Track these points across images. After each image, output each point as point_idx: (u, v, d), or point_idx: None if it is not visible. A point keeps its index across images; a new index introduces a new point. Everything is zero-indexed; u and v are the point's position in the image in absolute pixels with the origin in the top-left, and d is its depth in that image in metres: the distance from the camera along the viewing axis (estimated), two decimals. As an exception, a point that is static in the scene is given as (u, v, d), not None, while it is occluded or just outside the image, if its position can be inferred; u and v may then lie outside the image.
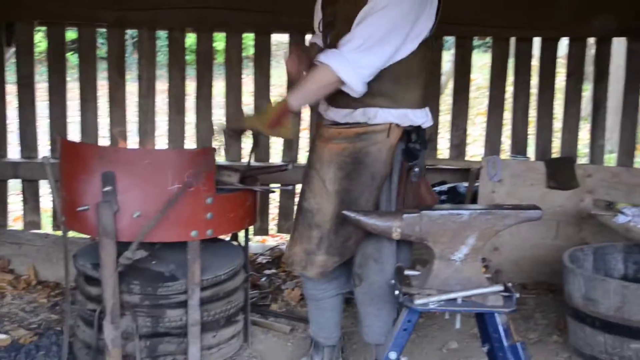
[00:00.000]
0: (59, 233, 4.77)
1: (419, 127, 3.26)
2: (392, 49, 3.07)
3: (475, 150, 7.41)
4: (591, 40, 5.68)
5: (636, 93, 5.59)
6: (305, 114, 5.51)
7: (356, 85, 3.07)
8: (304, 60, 3.45)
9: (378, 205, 3.25)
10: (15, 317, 4.19)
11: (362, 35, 3.02)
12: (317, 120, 3.49)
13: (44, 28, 5.50)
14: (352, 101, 3.17)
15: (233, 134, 3.34)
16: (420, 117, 3.24)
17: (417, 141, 3.23)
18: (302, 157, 5.68)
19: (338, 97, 3.20)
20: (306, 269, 3.35)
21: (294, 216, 3.58)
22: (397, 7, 3.01)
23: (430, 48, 3.25)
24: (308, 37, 3.66)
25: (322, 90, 3.13)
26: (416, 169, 3.24)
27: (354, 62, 3.02)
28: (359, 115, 3.21)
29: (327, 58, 3.06)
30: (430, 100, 5.44)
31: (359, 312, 3.45)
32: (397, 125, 3.19)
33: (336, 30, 3.24)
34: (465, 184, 5.29)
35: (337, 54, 3.05)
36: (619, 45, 5.64)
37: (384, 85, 3.15)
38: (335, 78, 3.05)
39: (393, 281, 3.09)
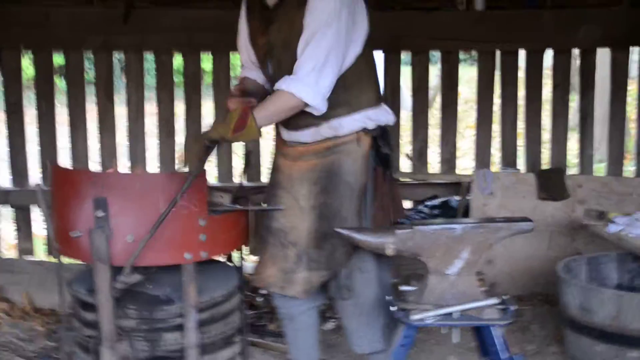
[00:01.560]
0: (53, 259, 4.76)
1: (384, 129, 3.31)
2: (340, 61, 3.13)
3: (465, 164, 7.43)
4: (576, 52, 5.72)
5: (623, 102, 5.64)
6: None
7: (319, 105, 3.12)
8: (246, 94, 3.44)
9: (360, 215, 3.26)
10: (12, 346, 4.17)
11: (313, 58, 3.06)
12: (277, 141, 3.50)
13: (30, 54, 5.51)
14: (313, 119, 3.20)
15: (201, 150, 3.29)
16: (381, 115, 3.29)
17: (384, 144, 3.29)
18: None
19: (297, 119, 3.23)
20: (285, 289, 3.34)
21: (260, 242, 3.56)
22: (336, 22, 3.06)
23: (371, 47, 3.28)
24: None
25: (285, 114, 3.16)
26: (389, 173, 3.32)
27: (312, 84, 3.07)
28: (325, 130, 3.24)
29: (288, 85, 3.09)
30: (419, 114, 5.56)
31: (348, 325, 3.44)
32: (365, 132, 3.23)
33: (276, 58, 3.28)
34: (457, 198, 5.30)
35: (295, 80, 3.09)
36: (603, 56, 5.69)
37: (340, 94, 3.18)
38: (298, 102, 3.09)
39: (388, 297, 3.10)
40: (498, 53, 5.57)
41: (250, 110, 3.10)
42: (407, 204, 5.51)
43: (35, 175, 5.60)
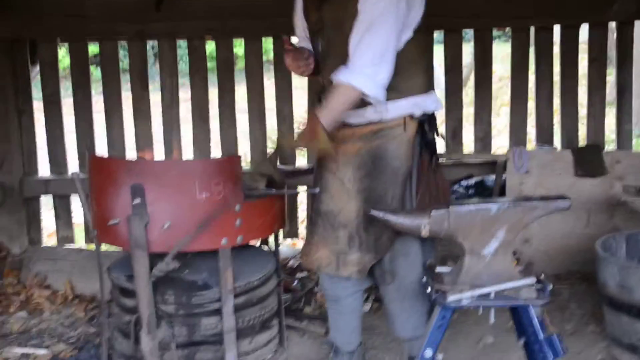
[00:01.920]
0: (92, 247, 4.82)
1: (431, 116, 3.29)
2: (397, 49, 3.11)
3: (500, 142, 7.39)
4: (612, 25, 5.64)
5: (662, 77, 5.56)
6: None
7: (379, 96, 3.10)
8: (299, 56, 3.44)
9: (404, 201, 3.25)
10: (54, 332, 4.24)
11: (371, 49, 3.04)
12: None
13: (66, 44, 5.56)
14: (360, 104, 3.18)
15: (275, 162, 3.30)
16: (429, 102, 3.27)
17: (431, 130, 3.28)
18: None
19: None
20: (339, 270, 3.34)
21: (310, 225, 3.56)
22: (394, 10, 3.05)
23: (423, 33, 3.27)
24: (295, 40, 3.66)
25: (348, 107, 3.14)
26: (434, 159, 3.29)
27: (373, 75, 3.06)
28: (370, 113, 3.22)
29: (348, 78, 3.07)
30: (452, 94, 5.53)
31: (390, 310, 3.44)
32: (412, 118, 3.22)
33: (327, 36, 3.28)
34: (492, 177, 5.27)
35: (355, 71, 3.07)
36: (641, 28, 5.61)
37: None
38: (359, 94, 3.08)
39: (425, 279, 3.10)
40: (532, 29, 5.51)
41: (320, 122, 3.08)
42: (442, 184, 5.51)
43: (73, 164, 5.66)
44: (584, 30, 5.52)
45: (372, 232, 3.27)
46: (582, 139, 5.70)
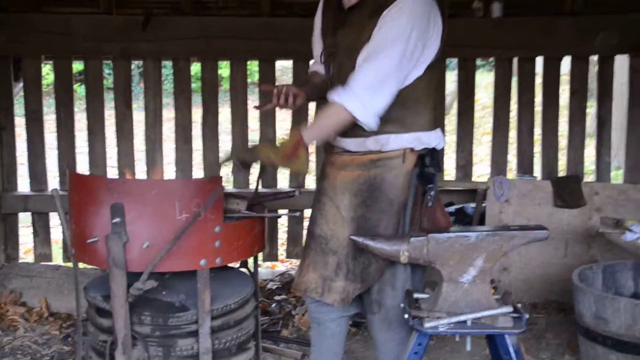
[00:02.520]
0: (70, 265, 4.79)
1: (433, 150, 3.25)
2: (400, 83, 3.08)
3: (482, 170, 7.42)
4: (594, 58, 5.70)
5: (641, 109, 5.61)
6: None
7: (370, 123, 3.07)
8: (284, 96, 3.36)
9: (397, 232, 3.22)
10: (28, 350, 4.21)
11: (371, 75, 3.02)
12: (327, 148, 3.45)
13: (50, 62, 5.55)
14: (363, 130, 3.15)
15: (243, 164, 3.30)
16: (433, 139, 3.23)
17: (431, 165, 3.23)
18: (310, 183, 5.71)
19: (346, 130, 3.18)
20: (324, 296, 3.31)
21: (303, 242, 3.55)
22: (403, 43, 3.02)
23: (436, 71, 3.24)
24: (311, 62, 3.67)
25: (336, 127, 3.11)
26: (432, 193, 3.22)
27: (366, 101, 3.02)
28: (371, 143, 3.20)
29: (341, 98, 3.04)
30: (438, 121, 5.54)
31: (377, 339, 3.41)
32: (412, 150, 3.19)
33: (338, 61, 3.26)
34: (473, 205, 5.30)
35: (350, 93, 3.03)
36: (621, 62, 5.66)
37: (393, 112, 3.13)
38: (348, 116, 3.05)
39: (402, 305, 3.10)
40: (515, 59, 5.57)
41: (303, 141, 3.06)
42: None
43: (54, 180, 5.64)
44: (566, 63, 5.58)
45: (360, 261, 3.25)
46: (562, 169, 5.75)
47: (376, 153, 3.21)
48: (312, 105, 4.74)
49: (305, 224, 5.84)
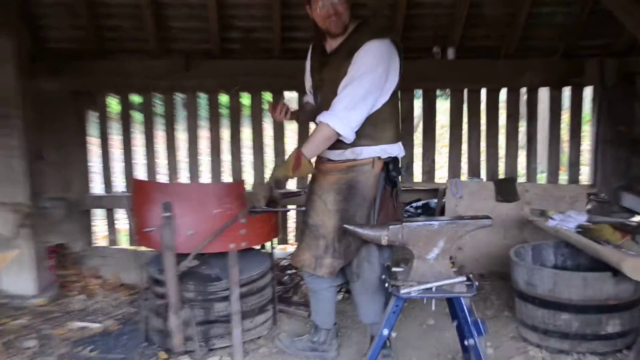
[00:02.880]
0: (133, 247, 4.80)
1: (395, 159, 3.31)
2: (371, 104, 3.13)
3: (442, 174, 7.40)
4: (523, 90, 5.71)
5: (558, 128, 5.63)
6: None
7: (348, 135, 3.12)
8: (282, 110, 3.42)
9: (369, 219, 3.27)
10: (105, 311, 4.20)
11: (347, 98, 3.07)
12: (316, 159, 3.46)
13: (116, 95, 5.56)
14: (343, 143, 3.21)
15: (267, 190, 3.25)
16: (395, 150, 3.31)
17: (394, 170, 3.29)
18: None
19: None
20: (316, 270, 3.35)
21: (300, 233, 3.57)
22: (372, 74, 3.07)
23: (396, 98, 3.28)
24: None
25: (326, 142, 3.14)
26: (395, 191, 3.30)
27: (344, 118, 3.07)
28: (348, 153, 3.26)
29: (326, 118, 3.10)
30: (406, 137, 5.56)
31: (357, 301, 3.44)
32: (379, 158, 3.24)
33: (324, 92, 3.30)
34: (435, 201, 5.30)
35: (332, 114, 3.08)
36: (543, 93, 5.67)
37: (366, 129, 3.19)
38: (332, 132, 3.09)
39: (384, 276, 3.11)
40: (465, 91, 5.57)
41: (302, 152, 3.09)
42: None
43: (120, 185, 5.65)
44: (503, 93, 5.59)
45: (343, 242, 3.29)
46: (502, 173, 5.75)
47: (352, 161, 3.26)
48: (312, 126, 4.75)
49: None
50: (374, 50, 3.09)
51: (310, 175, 3.45)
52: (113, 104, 6.11)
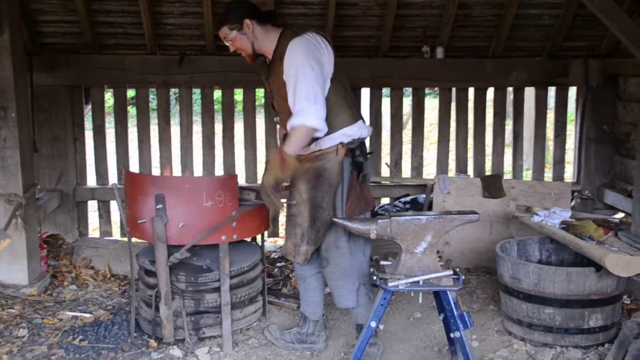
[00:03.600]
0: (125, 239, 4.75)
1: (362, 144, 3.30)
2: (323, 93, 3.14)
3: (430, 170, 7.39)
4: (510, 89, 5.70)
5: (543, 126, 5.63)
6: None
7: (322, 126, 3.14)
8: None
9: (334, 205, 3.26)
10: (96, 301, 4.16)
11: (304, 95, 3.09)
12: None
13: (111, 90, 5.50)
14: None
15: (272, 191, 3.22)
16: (355, 130, 3.28)
17: (360, 155, 3.29)
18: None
19: None
20: (295, 257, 3.38)
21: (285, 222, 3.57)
22: (306, 68, 3.09)
23: (336, 81, 3.25)
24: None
25: (305, 139, 3.14)
26: (362, 175, 3.29)
27: (314, 112, 3.09)
28: (314, 146, 3.25)
29: (299, 121, 3.10)
30: (395, 134, 5.55)
31: (330, 286, 3.44)
32: (342, 145, 3.23)
33: (276, 101, 3.36)
34: (423, 196, 5.28)
35: (303, 114, 3.09)
36: (529, 93, 5.66)
37: None
38: (309, 129, 3.11)
39: (372, 269, 3.08)
40: (454, 89, 5.55)
41: (284, 153, 3.09)
42: (386, 200, 5.50)
43: (113, 177, 5.59)
44: (490, 92, 5.58)
45: (314, 229, 3.30)
46: (488, 170, 5.74)
47: (318, 151, 3.25)
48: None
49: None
50: (296, 48, 3.14)
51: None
52: (108, 98, 6.06)
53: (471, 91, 5.59)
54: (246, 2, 3.36)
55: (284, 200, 3.35)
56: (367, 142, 3.63)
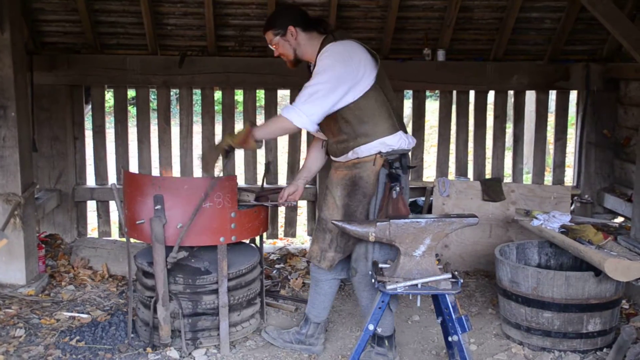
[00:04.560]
0: (124, 239, 4.73)
1: (402, 156, 3.24)
2: (333, 100, 3.11)
3: (430, 173, 7.40)
4: (511, 92, 5.69)
5: (544, 130, 5.62)
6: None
7: (307, 127, 3.15)
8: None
9: (368, 215, 3.23)
10: (94, 302, 4.15)
11: (305, 92, 3.11)
12: (330, 160, 3.47)
13: (111, 90, 5.49)
14: (344, 148, 3.24)
15: (217, 157, 3.28)
16: (394, 141, 3.22)
17: (398, 167, 3.23)
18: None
19: (335, 151, 3.30)
20: (320, 262, 3.36)
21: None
22: (329, 72, 3.08)
23: (379, 91, 3.22)
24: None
25: (280, 132, 3.21)
26: (396, 188, 3.20)
27: (301, 111, 3.10)
28: (351, 155, 3.24)
29: (284, 111, 3.13)
30: (397, 126, 5.52)
31: (358, 297, 3.41)
32: (380, 155, 3.19)
33: None
34: (423, 198, 5.27)
35: (290, 107, 3.13)
36: (530, 96, 5.65)
37: (359, 129, 3.18)
38: (290, 124, 3.13)
39: (370, 272, 3.07)
40: (454, 92, 5.54)
41: (252, 131, 3.16)
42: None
43: (112, 177, 5.58)
44: (491, 95, 5.57)
45: (344, 237, 3.28)
46: (488, 173, 5.73)
47: (356, 159, 3.23)
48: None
49: (297, 212, 5.81)
50: (329, 53, 3.14)
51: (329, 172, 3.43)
52: (108, 98, 6.05)
53: (472, 94, 5.57)
54: (294, 7, 3.41)
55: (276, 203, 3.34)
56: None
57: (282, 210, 6.01)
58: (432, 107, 9.95)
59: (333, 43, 3.17)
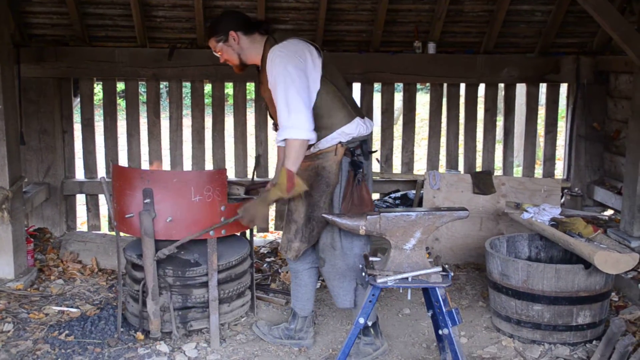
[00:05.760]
0: (113, 233, 4.71)
1: (363, 143, 3.28)
2: (308, 99, 3.11)
3: (420, 166, 7.40)
4: (501, 85, 5.69)
5: (534, 123, 5.63)
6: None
7: (310, 136, 3.12)
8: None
9: (332, 205, 3.25)
10: (83, 296, 4.13)
11: (283, 108, 3.09)
12: None
13: (100, 82, 5.46)
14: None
15: (267, 210, 3.26)
16: (353, 128, 3.25)
17: (360, 155, 3.27)
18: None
19: None
20: (287, 252, 3.38)
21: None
22: (285, 76, 3.07)
23: (328, 82, 3.22)
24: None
25: (301, 151, 3.11)
26: (358, 176, 3.25)
27: (300, 124, 3.08)
28: (312, 149, 3.25)
29: (286, 135, 3.10)
30: (386, 129, 5.53)
31: (329, 287, 3.42)
32: (341, 144, 3.21)
33: (269, 108, 3.35)
34: (414, 192, 5.27)
35: (285, 128, 3.10)
36: (520, 89, 5.65)
37: (317, 122, 3.18)
38: (299, 142, 3.09)
39: (361, 265, 3.06)
40: (445, 85, 5.54)
41: (291, 171, 3.09)
42: (376, 196, 5.49)
43: (102, 171, 5.54)
44: (481, 88, 5.57)
45: (308, 227, 3.29)
46: (479, 166, 5.74)
47: (317, 151, 3.25)
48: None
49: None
50: (274, 57, 3.14)
51: None
52: (97, 90, 6.00)
53: (462, 87, 5.57)
54: (235, 13, 3.42)
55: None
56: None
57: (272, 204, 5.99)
58: (422, 100, 9.95)
59: (277, 46, 3.17)
